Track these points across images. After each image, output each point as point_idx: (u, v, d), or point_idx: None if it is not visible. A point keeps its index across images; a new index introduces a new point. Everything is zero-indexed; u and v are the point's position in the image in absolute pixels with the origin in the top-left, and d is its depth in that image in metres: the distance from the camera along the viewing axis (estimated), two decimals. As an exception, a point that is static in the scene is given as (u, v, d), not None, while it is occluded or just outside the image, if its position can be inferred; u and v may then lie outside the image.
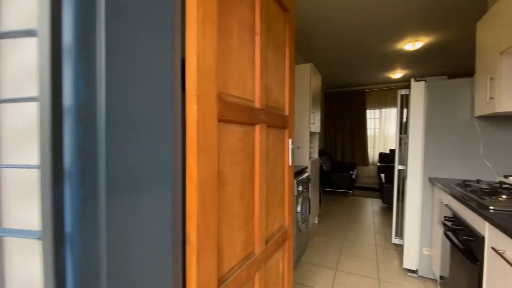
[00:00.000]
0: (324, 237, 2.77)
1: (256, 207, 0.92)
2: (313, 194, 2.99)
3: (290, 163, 1.22)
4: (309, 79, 2.79)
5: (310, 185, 2.69)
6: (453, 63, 4.25)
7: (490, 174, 1.74)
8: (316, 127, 3.17)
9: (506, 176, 1.59)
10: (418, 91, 1.95)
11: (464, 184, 1.47)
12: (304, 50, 3.72)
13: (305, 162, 2.84)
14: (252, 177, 0.89)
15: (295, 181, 2.01)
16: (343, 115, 6.50)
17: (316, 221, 3.25)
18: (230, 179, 0.77)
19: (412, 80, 1.97)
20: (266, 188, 0.99)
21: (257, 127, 0.91)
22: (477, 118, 1.78)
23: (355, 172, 5.33)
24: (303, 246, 2.33)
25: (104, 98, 0.43)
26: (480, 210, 1.05)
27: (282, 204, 1.18)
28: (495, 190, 1.27)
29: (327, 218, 3.42)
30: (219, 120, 0.70)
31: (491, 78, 1.47)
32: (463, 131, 1.81)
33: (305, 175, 2.38)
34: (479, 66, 1.67)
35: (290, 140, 1.21)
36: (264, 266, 0.99)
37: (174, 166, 0.59)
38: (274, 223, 1.10)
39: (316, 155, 3.36)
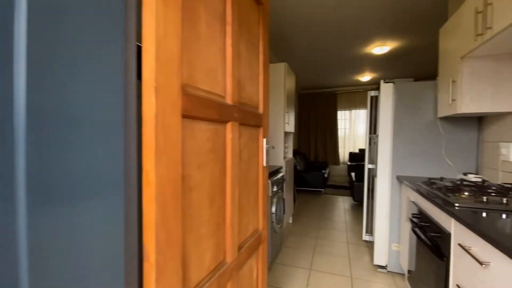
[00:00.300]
0: (299, 237, 2.78)
1: (228, 212, 0.84)
2: (288, 194, 2.98)
3: (264, 164, 1.16)
4: (283, 78, 2.77)
5: (284, 185, 2.67)
6: (418, 67, 4.53)
7: (452, 172, 1.85)
8: (291, 127, 3.17)
9: (465, 174, 1.69)
10: (387, 92, 2.02)
11: (430, 182, 1.53)
12: (278, 50, 3.72)
13: (280, 162, 2.82)
14: (224, 180, 0.82)
15: (269, 182, 1.97)
16: (316, 116, 6.65)
17: (290, 221, 3.26)
18: (198, 183, 0.69)
19: (382, 81, 2.03)
20: (239, 191, 0.93)
21: (229, 125, 0.84)
22: (440, 119, 1.88)
23: (327, 171, 5.47)
24: (277, 247, 2.30)
25: (25, 93, 0.33)
26: (446, 207, 1.08)
27: (256, 207, 1.12)
28: (457, 187, 1.34)
29: (301, 217, 3.44)
30: (184, 116, 0.62)
31: (453, 81, 1.56)
32: (427, 131, 1.91)
33: (280, 175, 2.35)
34: (441, 69, 1.76)
35: (264, 140, 1.16)
36: (236, 274, 0.92)
37: (127, 169, 0.49)
38: (247, 227, 1.03)
39: (290, 155, 3.36)
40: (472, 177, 1.63)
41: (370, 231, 2.52)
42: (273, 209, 2.05)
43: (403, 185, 1.90)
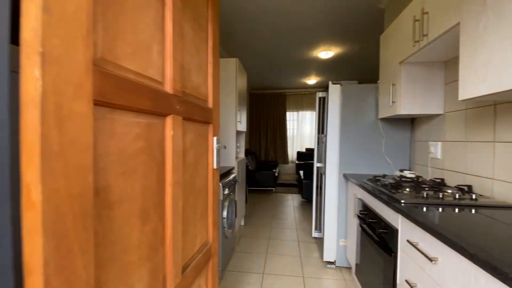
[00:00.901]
0: (251, 239, 2.69)
1: (168, 229, 0.67)
2: (240, 195, 2.87)
3: (215, 166, 1.01)
4: (235, 75, 2.65)
5: (236, 186, 2.56)
6: (361, 73, 4.94)
7: (390, 169, 2.01)
8: (243, 126, 3.07)
9: (401, 170, 1.85)
10: (335, 93, 2.08)
11: (375, 179, 1.61)
12: (229, 47, 3.59)
13: (232, 162, 2.69)
14: (162, 189, 0.65)
15: (221, 185, 1.82)
16: (266, 116, 6.75)
17: (242, 223, 3.16)
18: (123, 196, 0.51)
19: (330, 82, 2.09)
20: (183, 201, 0.76)
21: (169, 119, 0.67)
22: (380, 120, 2.02)
23: (277, 170, 5.57)
24: (229, 254, 2.16)
25: None
26: (394, 204, 1.11)
27: (205, 216, 0.97)
28: (398, 183, 1.43)
29: (253, 218, 3.38)
30: (98, 104, 0.44)
31: (393, 84, 1.67)
32: (370, 131, 2.03)
33: (232, 176, 2.22)
34: (382, 73, 1.89)
35: (215, 138, 1.01)
36: (181, 302, 0.76)
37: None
38: (194, 242, 0.87)
39: (242, 155, 3.27)
40: (407, 173, 1.79)
41: (319, 228, 2.59)
42: (224, 214, 1.91)
43: (350, 183, 1.98)
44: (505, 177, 1.14)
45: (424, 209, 1.03)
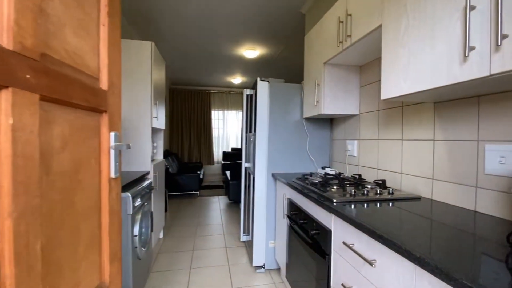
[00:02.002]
0: (171, 254, 2.34)
1: (-1, 299, 0.36)
2: (157, 204, 2.47)
3: (113, 174, 0.71)
4: (150, 61, 2.24)
5: (153, 194, 2.17)
6: (286, 73, 5.13)
7: (314, 167, 2.08)
8: (161, 122, 2.66)
9: (323, 168, 1.93)
10: (263, 90, 2.01)
11: (303, 177, 1.60)
12: (146, 32, 3.08)
13: (147, 166, 2.27)
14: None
15: (130, 196, 1.45)
16: (190, 114, 6.30)
17: (161, 235, 2.74)
18: None
19: (258, 79, 2.01)
20: (47, 238, 0.46)
21: (4, 96, 0.37)
22: (305, 120, 2.07)
23: (202, 172, 5.26)
24: (143, 276, 1.78)
25: None
26: (326, 203, 1.08)
27: (95, 249, 0.66)
28: (326, 181, 1.44)
29: (175, 228, 3.00)
30: None
31: (317, 84, 1.70)
32: (296, 130, 2.05)
33: (146, 183, 1.84)
34: (307, 73, 1.92)
35: (112, 134, 0.71)
36: None
37: None
38: (74, 294, 0.56)
39: (161, 157, 2.84)
40: (329, 170, 1.87)
41: (247, 230, 2.49)
42: (136, 230, 1.54)
43: (279, 182, 1.94)
44: (410, 171, 1.28)
45: (353, 206, 1.02)
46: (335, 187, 1.31)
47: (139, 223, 1.57)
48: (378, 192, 1.18)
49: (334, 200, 1.09)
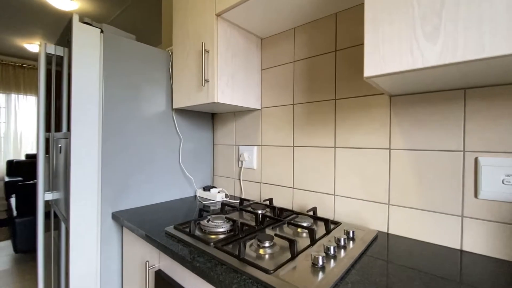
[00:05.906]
0: None
1: None
2: None
3: None
4: None
5: None
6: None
7: (191, 189, 1.32)
8: None
9: (206, 188, 1.23)
10: (87, 48, 0.98)
11: (195, 222, 0.82)
12: None
13: None
14: None
15: None
16: None
17: None
18: None
19: (75, 19, 0.96)
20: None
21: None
22: (175, 112, 1.26)
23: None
24: None
25: None
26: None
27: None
28: (240, 226, 0.76)
29: None
30: None
31: (206, 51, 0.98)
32: (159, 128, 1.20)
33: None
34: (182, 32, 1.14)
35: None
36: None
37: None
38: None
39: None
40: (217, 194, 1.20)
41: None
42: None
43: (131, 235, 1.01)
44: (349, 192, 0.90)
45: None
46: (267, 243, 0.67)
47: None
48: (343, 244, 0.68)
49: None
